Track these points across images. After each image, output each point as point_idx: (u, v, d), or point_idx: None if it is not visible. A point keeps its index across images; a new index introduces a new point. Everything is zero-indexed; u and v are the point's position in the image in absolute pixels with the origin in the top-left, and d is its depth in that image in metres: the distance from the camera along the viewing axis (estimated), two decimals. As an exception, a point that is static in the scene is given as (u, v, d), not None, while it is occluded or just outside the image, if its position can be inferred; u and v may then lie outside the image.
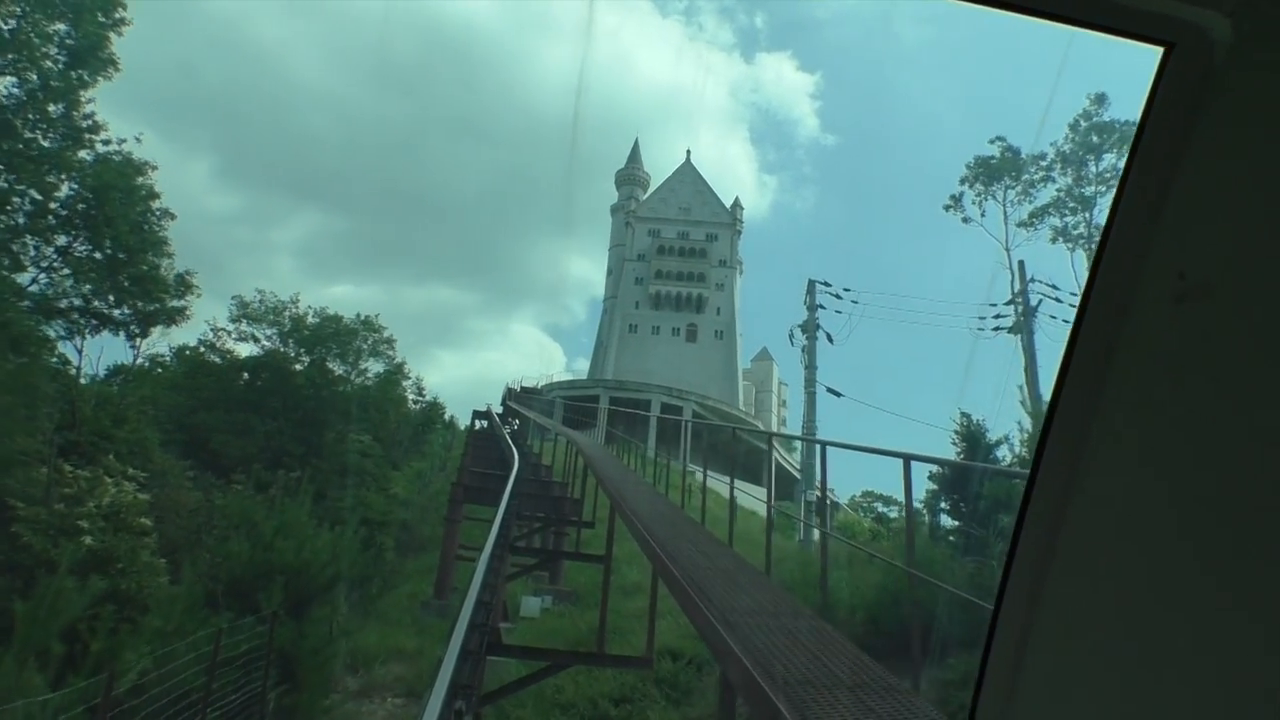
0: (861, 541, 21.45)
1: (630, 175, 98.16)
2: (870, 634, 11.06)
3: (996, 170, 36.29)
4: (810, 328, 22.66)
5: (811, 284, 22.79)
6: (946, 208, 37.81)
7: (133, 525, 15.12)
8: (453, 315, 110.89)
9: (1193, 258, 1.19)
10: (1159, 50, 1.19)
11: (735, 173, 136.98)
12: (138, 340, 32.00)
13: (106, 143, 26.00)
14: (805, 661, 5.26)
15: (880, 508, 75.09)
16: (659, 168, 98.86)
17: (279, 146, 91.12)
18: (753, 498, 21.70)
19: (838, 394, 21.81)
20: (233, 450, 34.89)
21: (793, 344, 23.44)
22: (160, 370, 41.84)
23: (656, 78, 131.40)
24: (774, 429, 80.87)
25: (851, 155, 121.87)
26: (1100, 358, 1.29)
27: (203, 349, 40.84)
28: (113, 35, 24.16)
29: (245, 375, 39.60)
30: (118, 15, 24.24)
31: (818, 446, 23.49)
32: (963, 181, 37.64)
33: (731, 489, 12.57)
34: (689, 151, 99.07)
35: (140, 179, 26.45)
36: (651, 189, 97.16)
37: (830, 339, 22.73)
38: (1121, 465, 1.30)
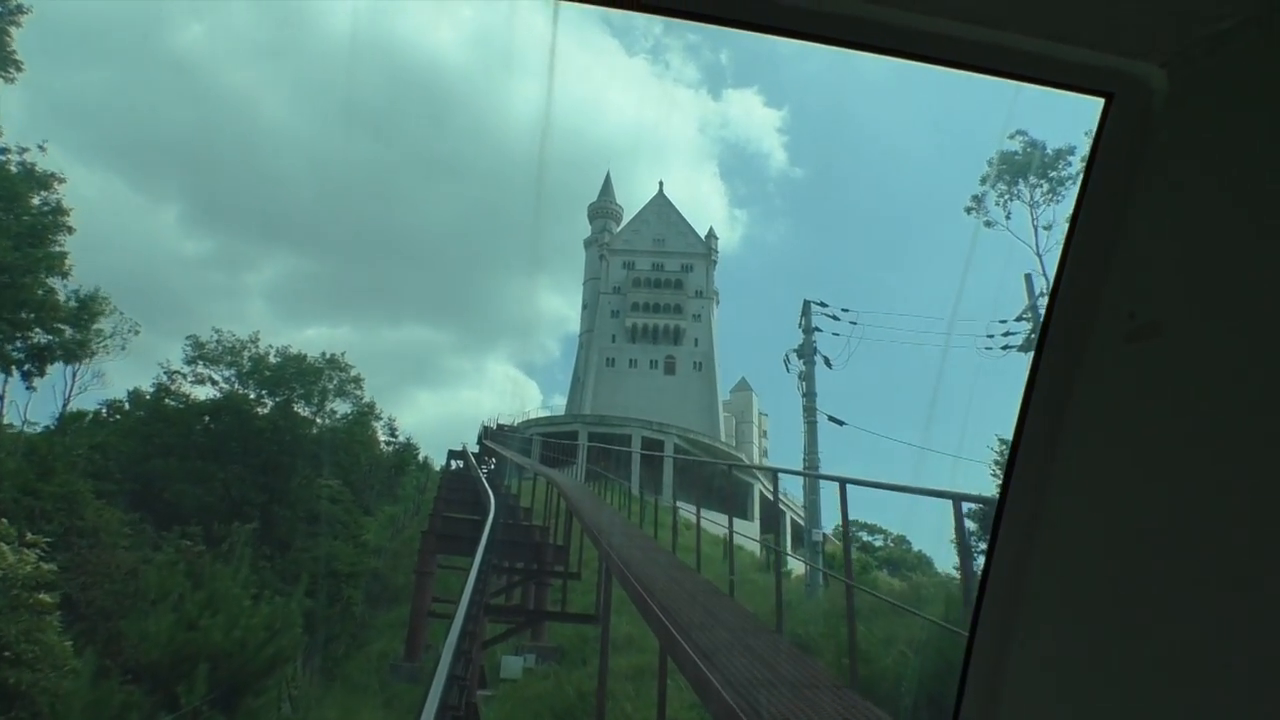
0: (887, 592, 19.67)
1: (603, 208, 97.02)
2: (930, 714, 9.17)
3: (1021, 167, 33.75)
4: (807, 352, 21.00)
5: (807, 305, 21.18)
6: (968, 210, 35.28)
7: (29, 603, 12.76)
8: (428, 354, 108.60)
9: (1142, 298, 1.24)
10: (1100, 101, 1.27)
11: (706, 207, 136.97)
12: (34, 380, 28.51)
13: (4, 151, 23.76)
14: None
15: (865, 536, 73.80)
16: (631, 203, 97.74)
17: (249, 190, 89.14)
18: (741, 534, 20.22)
19: (841, 423, 20.17)
20: (189, 500, 32.60)
21: (788, 370, 21.73)
22: (119, 416, 39.63)
23: (626, 115, 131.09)
24: (756, 460, 79.28)
25: (820, 186, 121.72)
26: (1058, 396, 1.34)
27: (159, 393, 38.55)
28: (13, 30, 21.78)
29: (204, 419, 37.32)
30: (14, 3, 21.85)
31: (818, 481, 21.86)
32: (984, 181, 35.05)
33: (778, 558, 10.47)
34: (661, 183, 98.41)
35: (44, 192, 23.95)
36: (624, 222, 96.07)
37: (829, 363, 21.13)
38: (1084, 497, 1.34)
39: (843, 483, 8.72)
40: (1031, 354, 1.47)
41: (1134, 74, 1.20)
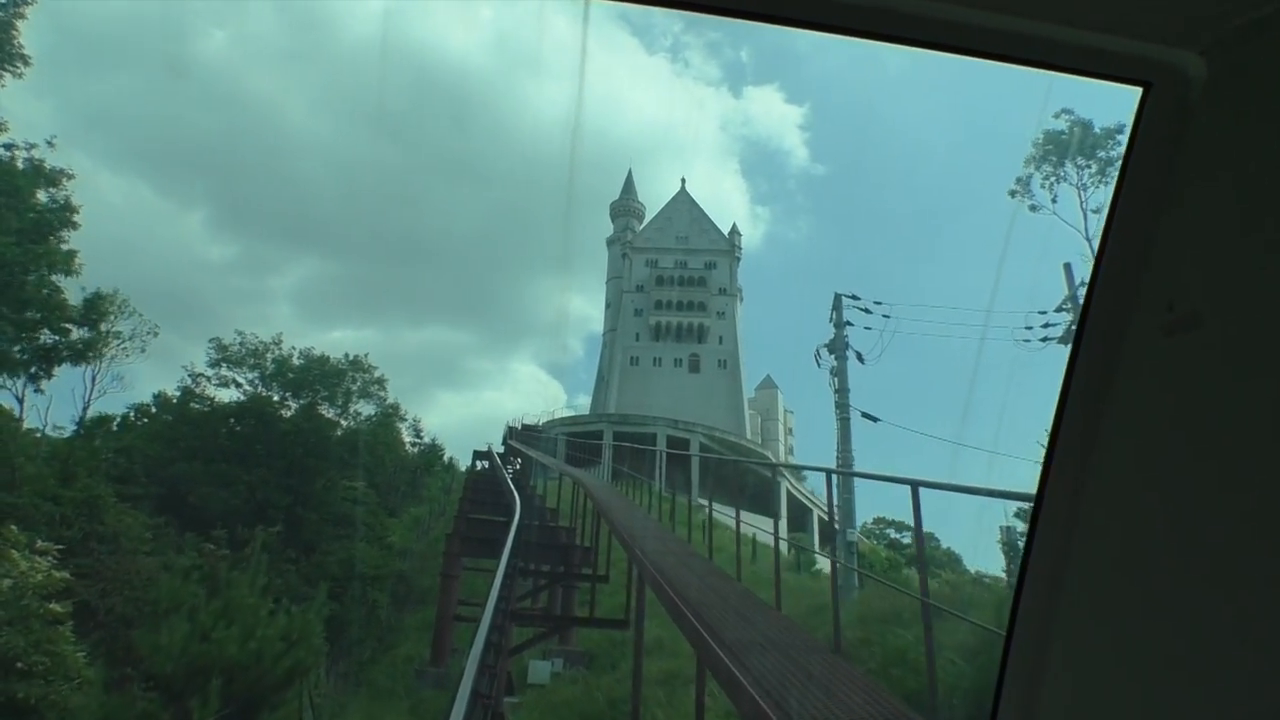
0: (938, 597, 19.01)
1: (625, 206, 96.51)
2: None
3: (1067, 147, 31.95)
4: (839, 347, 20.38)
5: (838, 298, 20.56)
6: (1012, 193, 33.34)
7: (40, 612, 12.32)
8: (452, 356, 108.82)
9: (1181, 290, 1.23)
10: (1138, 91, 1.24)
11: (728, 205, 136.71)
12: (41, 383, 27.78)
13: (9, 146, 23.44)
14: None
15: (892, 534, 72.87)
16: (653, 202, 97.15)
17: (274, 194, 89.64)
18: (762, 530, 20.06)
19: (874, 419, 19.53)
20: (214, 504, 32.51)
21: (819, 365, 21.05)
22: (145, 420, 39.71)
23: (647, 114, 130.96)
24: (781, 458, 78.57)
25: (843, 182, 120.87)
26: (1097, 387, 1.32)
27: (184, 396, 38.53)
28: (19, 24, 21.46)
29: (229, 422, 37.23)
30: None
31: (842, 480, 21.24)
32: (1028, 163, 33.20)
33: (834, 569, 9.80)
34: (684, 180, 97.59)
35: (51, 189, 23.46)
36: (647, 220, 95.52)
37: (861, 359, 20.49)
38: (1122, 490, 1.32)
39: (914, 485, 8.01)
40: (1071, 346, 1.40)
41: (1172, 62, 1.18)
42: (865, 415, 19.65)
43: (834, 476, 13.55)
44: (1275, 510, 1.11)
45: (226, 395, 38.94)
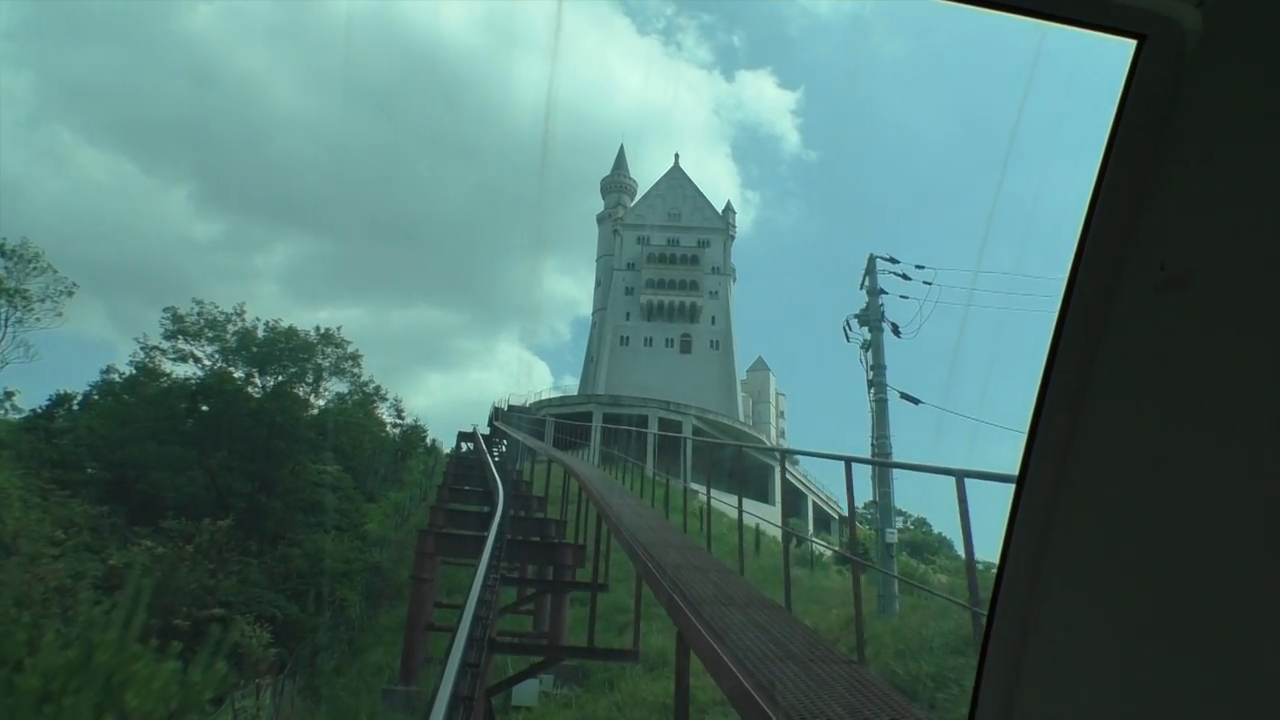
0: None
1: (617, 182, 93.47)
2: None
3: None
4: (873, 317, 17.74)
5: (872, 260, 17.85)
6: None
7: None
8: (439, 336, 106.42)
9: (1173, 249, 1.21)
10: (1132, 43, 1.21)
11: (719, 189, 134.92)
12: None
13: None
14: None
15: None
16: (644, 185, 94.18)
17: (259, 172, 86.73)
18: (763, 519, 19.45)
19: (916, 401, 16.94)
20: (167, 491, 29.65)
21: (848, 339, 18.42)
22: (110, 398, 36.81)
23: (638, 96, 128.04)
24: (773, 442, 76.47)
25: (835, 169, 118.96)
26: (1085, 350, 1.30)
27: (136, 371, 35.52)
28: None
29: (187, 400, 34.28)
30: None
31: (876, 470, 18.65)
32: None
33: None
34: (677, 155, 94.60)
35: None
36: (639, 196, 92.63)
37: (897, 332, 17.89)
38: (1109, 457, 1.29)
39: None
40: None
41: (1167, 14, 1.16)
42: (904, 396, 17.02)
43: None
44: (1270, 476, 1.06)
45: (184, 371, 35.84)
